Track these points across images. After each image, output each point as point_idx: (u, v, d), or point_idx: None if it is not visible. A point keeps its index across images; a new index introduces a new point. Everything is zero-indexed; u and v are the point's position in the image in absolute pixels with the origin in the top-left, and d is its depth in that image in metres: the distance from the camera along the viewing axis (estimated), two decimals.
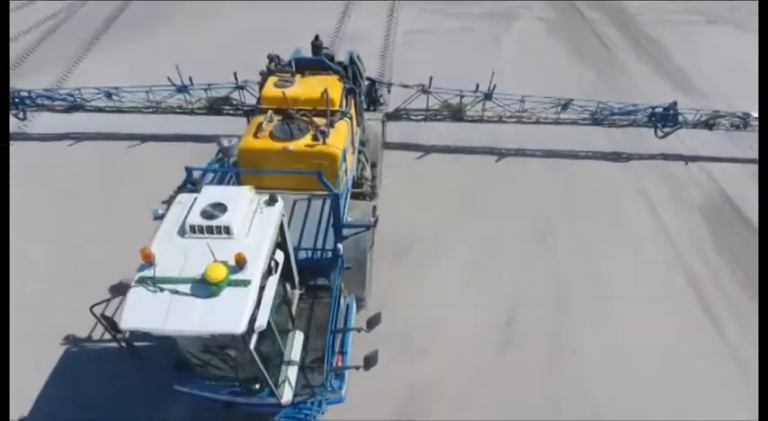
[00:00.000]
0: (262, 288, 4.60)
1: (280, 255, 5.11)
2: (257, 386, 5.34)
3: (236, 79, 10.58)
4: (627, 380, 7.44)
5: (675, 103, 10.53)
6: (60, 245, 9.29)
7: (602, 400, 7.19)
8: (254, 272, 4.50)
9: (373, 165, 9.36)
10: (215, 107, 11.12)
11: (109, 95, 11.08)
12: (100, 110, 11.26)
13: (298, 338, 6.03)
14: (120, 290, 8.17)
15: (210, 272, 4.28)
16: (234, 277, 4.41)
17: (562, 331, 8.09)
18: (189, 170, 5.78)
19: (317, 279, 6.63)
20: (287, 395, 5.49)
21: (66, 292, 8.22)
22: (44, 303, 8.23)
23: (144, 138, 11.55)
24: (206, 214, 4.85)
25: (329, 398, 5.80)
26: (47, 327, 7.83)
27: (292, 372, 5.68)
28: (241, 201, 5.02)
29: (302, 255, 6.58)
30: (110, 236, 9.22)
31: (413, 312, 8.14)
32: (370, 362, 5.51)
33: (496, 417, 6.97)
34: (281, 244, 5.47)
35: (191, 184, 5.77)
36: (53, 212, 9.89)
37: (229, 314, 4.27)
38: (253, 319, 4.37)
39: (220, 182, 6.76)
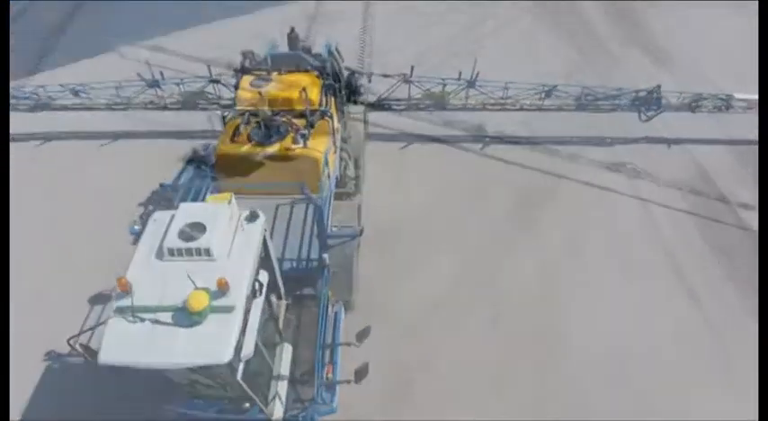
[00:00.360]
0: (247, 311, 4.43)
1: (264, 276, 4.93)
2: (247, 404, 5.24)
3: (210, 73, 10.16)
4: (616, 373, 7.51)
5: (659, 87, 10.41)
6: (37, 247, 8.98)
7: (591, 392, 7.28)
8: (237, 296, 4.31)
9: (356, 160, 9.12)
10: (189, 102, 10.70)
11: (75, 92, 10.57)
12: (66, 108, 10.75)
13: (286, 351, 5.91)
14: (100, 300, 7.99)
15: (192, 301, 4.08)
16: (216, 303, 4.22)
17: (550, 319, 8.13)
18: (164, 187, 5.50)
19: (303, 288, 6.48)
20: (277, 412, 5.39)
21: (53, 296, 8.07)
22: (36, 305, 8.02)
23: (116, 136, 11.11)
24: (184, 235, 4.61)
25: (320, 410, 5.73)
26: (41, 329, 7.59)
27: (282, 387, 5.58)
28: (220, 219, 4.77)
29: (287, 265, 6.40)
30: (87, 239, 8.93)
31: (404, 308, 8.11)
32: (360, 374, 5.44)
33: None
34: (264, 259, 5.28)
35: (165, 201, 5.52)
36: (27, 216, 9.48)
37: (214, 343, 4.10)
38: (239, 347, 4.22)
39: (197, 191, 6.45)
